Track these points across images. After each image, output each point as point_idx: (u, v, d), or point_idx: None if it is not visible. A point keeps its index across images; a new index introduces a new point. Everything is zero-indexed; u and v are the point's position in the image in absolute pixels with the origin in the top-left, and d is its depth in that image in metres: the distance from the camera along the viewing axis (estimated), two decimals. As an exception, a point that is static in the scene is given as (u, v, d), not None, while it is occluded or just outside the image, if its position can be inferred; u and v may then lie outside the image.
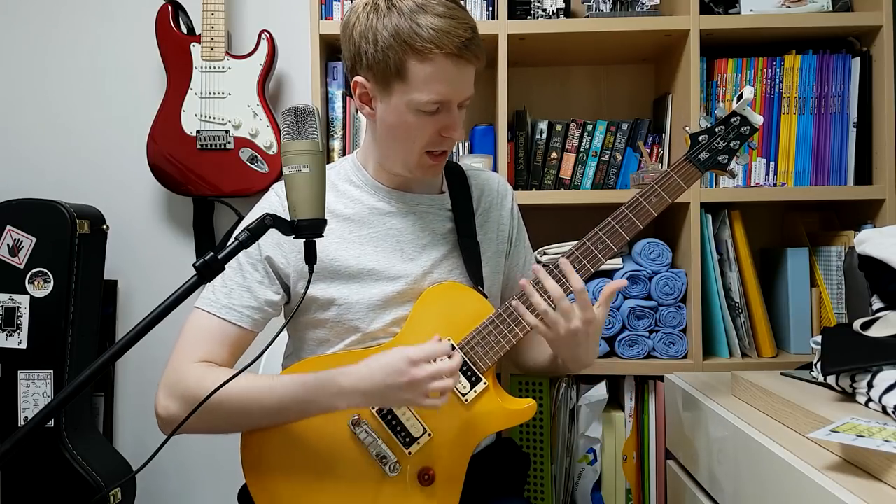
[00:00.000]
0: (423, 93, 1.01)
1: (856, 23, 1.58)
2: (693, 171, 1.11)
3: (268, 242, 1.09)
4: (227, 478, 1.92)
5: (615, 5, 1.63)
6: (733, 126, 1.12)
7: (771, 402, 1.05)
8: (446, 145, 1.08)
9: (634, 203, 1.10)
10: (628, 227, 1.10)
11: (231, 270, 1.10)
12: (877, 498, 0.74)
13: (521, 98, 1.80)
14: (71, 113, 1.97)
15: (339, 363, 1.04)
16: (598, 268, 1.09)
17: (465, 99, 1.06)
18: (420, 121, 1.04)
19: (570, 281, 1.04)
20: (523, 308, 1.07)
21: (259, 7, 1.93)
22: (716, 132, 1.13)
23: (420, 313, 1.11)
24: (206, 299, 1.09)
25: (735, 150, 1.12)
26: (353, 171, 1.17)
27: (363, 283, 1.10)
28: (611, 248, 1.09)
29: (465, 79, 1.04)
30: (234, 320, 1.08)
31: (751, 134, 1.13)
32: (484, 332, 1.09)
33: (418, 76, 1.00)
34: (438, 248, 1.15)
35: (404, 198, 1.15)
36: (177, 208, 1.96)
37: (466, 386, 1.08)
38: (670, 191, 1.10)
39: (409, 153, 1.08)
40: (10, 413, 1.69)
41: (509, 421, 1.11)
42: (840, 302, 1.58)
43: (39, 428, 0.74)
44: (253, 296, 1.09)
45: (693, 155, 1.12)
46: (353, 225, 1.13)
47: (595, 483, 1.57)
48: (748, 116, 1.12)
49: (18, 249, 1.70)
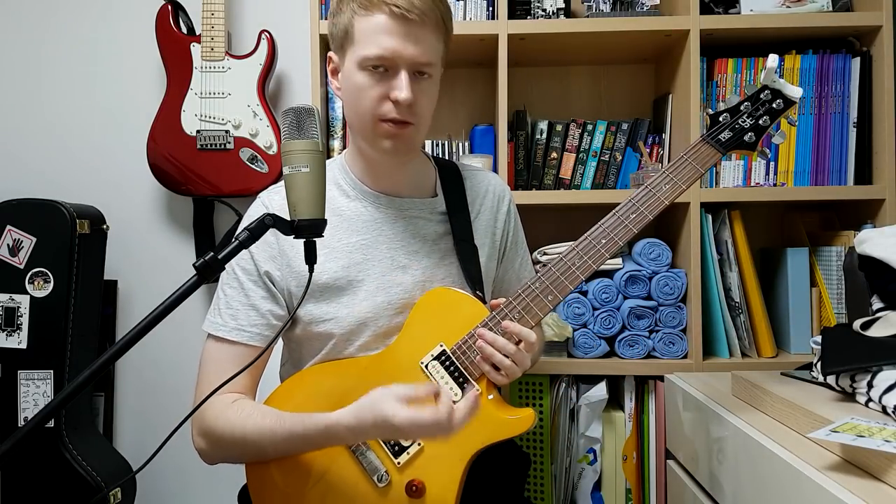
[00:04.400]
0: (367, 47, 1.01)
1: (856, 23, 1.58)
2: (711, 152, 1.01)
3: (263, 257, 1.09)
4: (227, 478, 1.92)
5: (615, 5, 1.63)
6: (763, 101, 1.01)
7: (771, 402, 1.05)
8: (399, 112, 1.02)
9: (644, 194, 1.02)
10: (636, 218, 1.02)
11: (233, 291, 1.10)
12: (877, 498, 0.74)
13: (521, 98, 1.81)
14: (71, 113, 1.97)
15: (339, 372, 1.06)
16: (601, 264, 1.03)
17: (414, 61, 1.02)
18: (367, 81, 1.03)
19: (523, 336, 1.00)
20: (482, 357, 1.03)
21: (259, 7, 1.93)
22: (740, 110, 1.02)
23: (415, 320, 1.09)
24: (215, 324, 1.09)
25: (765, 128, 1.01)
26: (342, 174, 1.15)
27: (353, 295, 1.09)
28: (616, 242, 1.02)
29: (413, 39, 1.01)
30: (245, 341, 1.07)
31: (786, 108, 1.01)
32: (474, 338, 1.04)
33: (363, 32, 1.02)
34: (431, 256, 1.13)
35: (393, 203, 1.13)
36: (177, 208, 1.96)
37: (458, 392, 1.04)
38: (685, 177, 1.01)
39: (363, 121, 1.06)
40: (10, 413, 1.69)
41: (504, 431, 1.03)
42: (840, 302, 1.58)
43: (39, 428, 0.74)
44: (259, 313, 1.09)
45: (712, 135, 1.02)
46: (341, 233, 1.11)
47: (595, 483, 1.58)
48: (781, 88, 1.00)
49: (18, 249, 1.70)
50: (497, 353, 1.00)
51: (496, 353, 1.00)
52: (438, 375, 1.05)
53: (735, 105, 1.03)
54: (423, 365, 1.05)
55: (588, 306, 1.58)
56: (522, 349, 1.01)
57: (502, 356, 1.00)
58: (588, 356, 1.58)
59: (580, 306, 1.57)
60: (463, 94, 1.86)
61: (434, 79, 1.07)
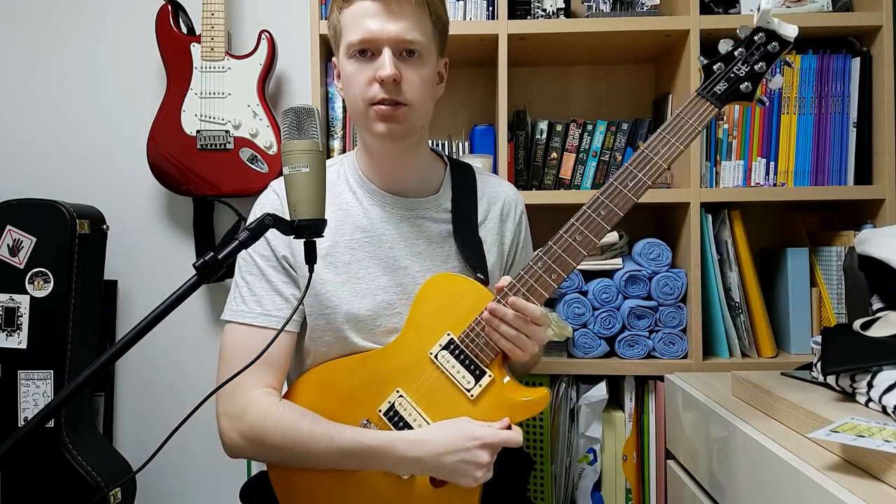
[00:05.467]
0: (351, 34, 1.03)
1: (856, 23, 1.58)
2: (707, 107, 0.96)
3: (279, 242, 1.09)
4: (227, 478, 1.92)
5: (615, 5, 1.63)
6: (757, 45, 0.96)
7: (771, 402, 1.05)
8: (386, 91, 1.02)
9: (641, 158, 0.97)
10: (634, 186, 0.97)
11: (254, 278, 1.10)
12: (877, 498, 0.74)
13: (521, 98, 1.80)
14: (71, 113, 1.97)
15: (348, 368, 1.07)
16: (602, 237, 0.99)
17: (396, 39, 1.02)
18: (355, 67, 1.04)
19: (528, 311, 0.99)
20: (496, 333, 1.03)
21: (259, 7, 1.93)
22: (735, 56, 0.97)
23: (419, 309, 1.09)
24: (239, 311, 1.09)
25: (761, 74, 0.96)
26: (351, 170, 1.16)
27: (353, 293, 1.10)
28: (616, 212, 0.97)
29: (394, 17, 1.01)
30: (274, 325, 1.07)
31: (782, 49, 0.95)
32: (483, 321, 1.03)
33: (347, 21, 1.04)
34: (435, 257, 1.13)
35: (398, 202, 1.13)
36: (177, 208, 1.96)
37: (471, 381, 1.03)
38: (682, 136, 0.96)
39: (357, 109, 1.07)
40: (10, 413, 1.69)
41: (523, 412, 1.03)
42: (840, 302, 1.58)
43: (39, 428, 0.74)
44: (283, 297, 1.09)
45: (707, 88, 0.97)
46: (344, 228, 1.12)
47: (595, 483, 1.57)
48: (775, 29, 0.95)
49: (18, 249, 1.70)
50: (503, 324, 1.00)
51: (502, 324, 1.00)
52: (449, 365, 1.04)
53: (728, 52, 0.97)
54: (432, 355, 1.05)
55: (588, 306, 1.58)
56: (530, 322, 1.00)
57: (508, 327, 1.00)
58: (588, 356, 1.58)
59: (580, 306, 1.57)
60: (463, 94, 1.86)
61: (424, 59, 1.06)
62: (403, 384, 1.06)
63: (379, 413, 1.06)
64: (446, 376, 1.04)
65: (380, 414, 1.06)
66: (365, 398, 1.07)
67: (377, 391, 1.06)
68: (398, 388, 1.06)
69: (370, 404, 1.06)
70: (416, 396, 1.05)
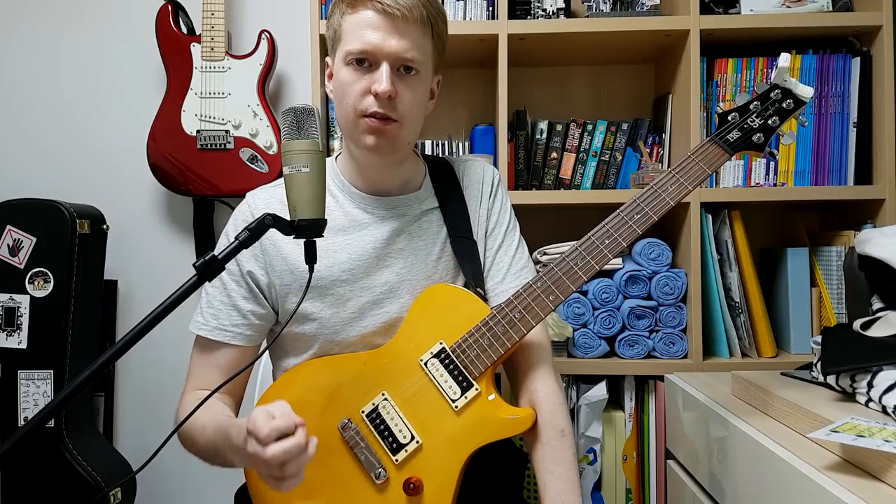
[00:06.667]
0: (351, 42, 1.03)
1: (856, 23, 1.58)
2: (719, 153, 1.00)
3: (246, 256, 1.09)
4: (227, 478, 1.91)
5: (615, 5, 1.63)
6: (772, 101, 1.00)
7: (771, 402, 1.05)
8: (380, 106, 1.02)
9: (649, 194, 1.00)
10: (641, 219, 1.00)
11: (215, 290, 1.10)
12: (877, 498, 0.74)
13: (521, 98, 1.81)
14: (71, 113, 1.97)
15: (336, 367, 1.06)
16: (604, 264, 1.01)
17: (396, 55, 1.01)
18: (351, 76, 1.03)
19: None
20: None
21: (259, 7, 1.93)
22: (749, 109, 1.01)
23: (415, 316, 1.09)
24: (197, 323, 1.11)
25: (774, 128, 1.00)
26: (332, 174, 1.14)
27: (337, 296, 1.09)
28: (619, 242, 1.00)
29: (397, 34, 1.01)
30: (227, 340, 1.08)
31: (796, 108, 1.00)
32: (477, 334, 1.03)
33: (348, 28, 1.03)
34: (421, 254, 1.12)
35: (381, 203, 1.12)
36: (177, 208, 1.96)
37: (457, 392, 1.02)
38: (692, 178, 0.99)
39: (346, 117, 1.06)
40: (10, 413, 1.69)
41: (503, 431, 1.02)
42: (840, 302, 1.58)
43: (39, 428, 0.74)
44: (240, 313, 1.09)
45: (720, 135, 1.01)
46: (325, 232, 1.11)
47: (595, 483, 1.57)
48: (791, 88, 0.99)
49: (18, 249, 1.70)
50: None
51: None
52: (437, 373, 1.04)
53: (744, 104, 1.02)
54: (422, 362, 1.05)
55: (588, 306, 1.58)
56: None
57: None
58: (588, 356, 1.58)
59: (580, 306, 1.58)
60: (463, 94, 1.86)
61: (421, 78, 1.06)
62: (390, 388, 1.05)
63: (361, 414, 1.05)
64: (433, 384, 1.04)
65: (362, 415, 1.05)
66: (350, 397, 1.06)
67: (363, 392, 1.06)
68: (384, 392, 1.05)
69: (354, 404, 1.06)
70: (401, 401, 1.04)
